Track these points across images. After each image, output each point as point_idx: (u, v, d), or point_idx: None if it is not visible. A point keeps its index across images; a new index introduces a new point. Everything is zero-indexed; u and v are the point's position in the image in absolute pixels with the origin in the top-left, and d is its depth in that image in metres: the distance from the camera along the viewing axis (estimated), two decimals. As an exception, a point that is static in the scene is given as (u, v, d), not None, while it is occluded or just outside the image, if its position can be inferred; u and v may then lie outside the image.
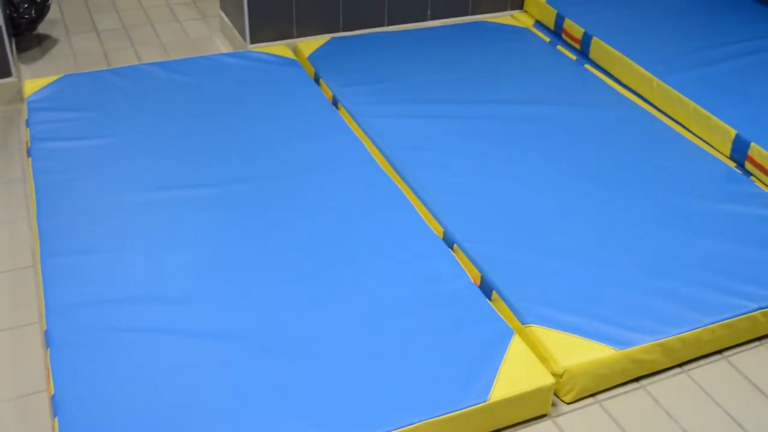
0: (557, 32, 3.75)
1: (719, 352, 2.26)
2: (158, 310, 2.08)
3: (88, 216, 2.40)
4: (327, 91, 3.19)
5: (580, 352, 2.02)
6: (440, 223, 2.45)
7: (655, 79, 3.20)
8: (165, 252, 2.28)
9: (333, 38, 3.58)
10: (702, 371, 2.20)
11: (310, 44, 3.50)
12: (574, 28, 3.63)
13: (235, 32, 3.64)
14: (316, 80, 3.30)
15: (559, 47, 3.65)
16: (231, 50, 3.67)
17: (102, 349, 1.96)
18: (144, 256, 2.26)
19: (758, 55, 3.42)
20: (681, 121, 3.09)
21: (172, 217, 2.41)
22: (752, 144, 2.79)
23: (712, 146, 2.96)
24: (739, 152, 2.85)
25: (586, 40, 3.56)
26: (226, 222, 2.40)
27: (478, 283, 2.26)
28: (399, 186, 2.62)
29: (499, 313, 2.14)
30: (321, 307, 2.11)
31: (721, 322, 2.18)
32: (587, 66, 3.50)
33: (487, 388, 1.91)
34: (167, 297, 2.12)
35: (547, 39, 3.73)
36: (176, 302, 2.10)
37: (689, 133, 3.03)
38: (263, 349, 1.98)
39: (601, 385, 2.09)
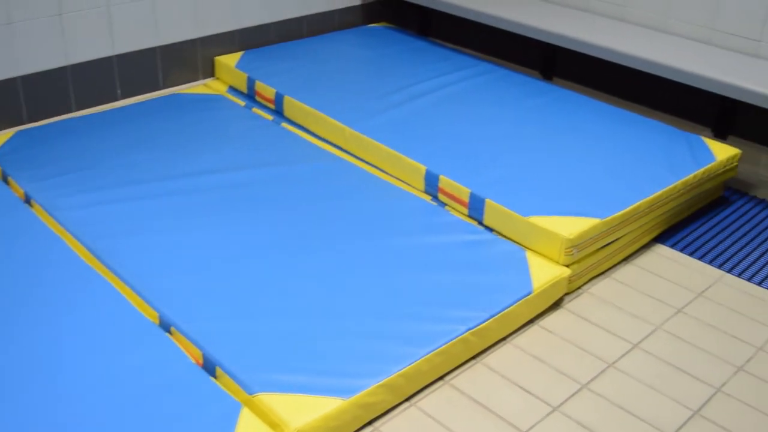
0: (251, 95, 3.83)
1: (441, 378, 2.39)
2: None
3: None
4: (17, 189, 3.01)
5: (308, 410, 2.04)
6: (153, 307, 2.38)
7: (347, 129, 3.36)
8: None
9: (18, 131, 3.39)
10: (429, 400, 2.31)
11: (-8, 142, 3.30)
12: (265, 89, 3.72)
13: None
14: (4, 179, 3.10)
15: (255, 110, 3.72)
16: None
17: None
18: None
19: (436, 93, 3.71)
20: (377, 165, 3.26)
21: None
22: (441, 176, 3.00)
23: (408, 184, 3.15)
24: (432, 186, 3.05)
25: (278, 100, 3.66)
26: None
27: (201, 362, 2.22)
28: (106, 277, 2.51)
29: (225, 388, 2.12)
30: (42, 418, 1.96)
31: (436, 350, 2.30)
32: (284, 124, 3.59)
33: (222, 468, 1.87)
34: None
35: (243, 103, 3.78)
36: None
37: (386, 175, 3.21)
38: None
39: (336, 437, 2.13)
